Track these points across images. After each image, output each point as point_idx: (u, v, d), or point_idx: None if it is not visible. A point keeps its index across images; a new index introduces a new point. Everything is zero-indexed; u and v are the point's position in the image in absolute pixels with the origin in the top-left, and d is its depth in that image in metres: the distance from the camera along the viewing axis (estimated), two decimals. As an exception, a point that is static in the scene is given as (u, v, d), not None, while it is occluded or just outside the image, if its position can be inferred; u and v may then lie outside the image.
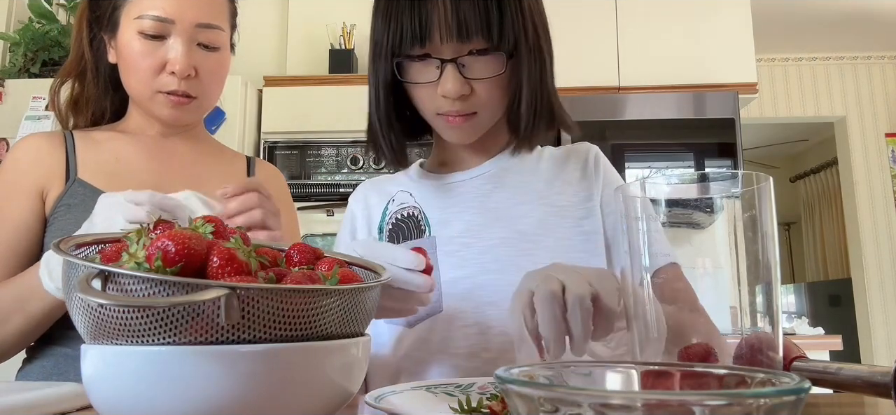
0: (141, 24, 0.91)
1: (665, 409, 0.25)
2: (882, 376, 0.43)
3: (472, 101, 0.76)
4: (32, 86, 2.27)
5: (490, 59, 0.74)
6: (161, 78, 0.92)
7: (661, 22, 2.77)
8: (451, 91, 0.73)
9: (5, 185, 0.92)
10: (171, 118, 0.96)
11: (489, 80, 0.75)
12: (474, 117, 0.78)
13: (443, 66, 0.73)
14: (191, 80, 0.94)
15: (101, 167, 0.95)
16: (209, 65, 0.95)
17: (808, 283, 5.64)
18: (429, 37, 0.72)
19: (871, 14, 3.73)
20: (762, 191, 0.43)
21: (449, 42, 0.72)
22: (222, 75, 1.00)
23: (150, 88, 0.93)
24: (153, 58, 0.91)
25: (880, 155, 4.21)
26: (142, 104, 0.97)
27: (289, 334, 0.42)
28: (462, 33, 0.71)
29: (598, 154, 0.89)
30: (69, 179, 0.93)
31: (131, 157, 0.97)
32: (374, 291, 0.49)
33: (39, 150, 0.94)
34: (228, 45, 1.02)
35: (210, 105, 1.02)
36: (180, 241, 0.41)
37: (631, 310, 0.47)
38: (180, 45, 0.91)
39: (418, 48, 0.73)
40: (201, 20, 0.93)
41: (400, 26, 0.73)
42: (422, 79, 0.76)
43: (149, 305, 0.39)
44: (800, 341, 2.32)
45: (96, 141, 0.98)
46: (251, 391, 0.40)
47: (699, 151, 2.59)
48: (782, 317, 0.44)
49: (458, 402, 0.48)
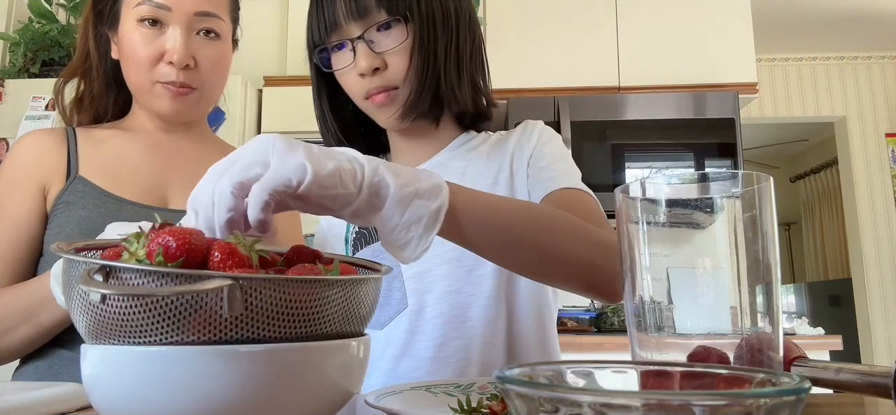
0: (139, 12, 0.90)
1: (665, 409, 0.25)
2: (882, 377, 0.43)
3: (387, 76, 0.80)
4: (32, 86, 2.27)
5: (394, 31, 0.79)
6: (159, 68, 0.91)
7: (661, 22, 2.77)
8: (364, 66, 0.79)
9: (7, 181, 0.92)
10: (170, 111, 0.94)
11: (398, 51, 0.79)
12: (396, 92, 0.81)
13: (354, 46, 0.79)
14: (190, 71, 0.92)
15: (102, 165, 0.94)
16: (208, 54, 0.94)
17: (808, 283, 5.64)
18: (336, 22, 0.78)
19: (871, 14, 3.73)
20: (762, 191, 0.43)
21: (352, 22, 0.78)
22: (223, 66, 0.98)
23: (149, 79, 0.92)
24: (152, 46, 0.90)
25: (880, 155, 4.21)
26: (142, 98, 0.96)
27: (292, 328, 0.42)
28: (359, 10, 0.77)
29: (537, 125, 0.89)
30: (70, 176, 0.92)
31: (133, 155, 0.96)
32: (375, 286, 0.49)
33: (41, 146, 0.94)
34: (230, 37, 1.00)
35: (212, 98, 1.00)
36: (181, 236, 0.41)
37: (629, 309, 0.47)
38: (178, 35, 0.90)
39: (330, 35, 0.79)
40: (200, 8, 0.92)
41: (313, 21, 0.81)
42: (342, 64, 0.81)
43: (152, 294, 0.39)
44: (800, 341, 2.32)
45: (98, 139, 0.97)
46: (251, 391, 0.40)
47: (699, 151, 2.59)
48: (782, 317, 0.44)
49: (457, 402, 0.48)
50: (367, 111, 0.85)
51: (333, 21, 0.78)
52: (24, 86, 2.28)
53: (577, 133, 2.60)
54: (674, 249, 0.45)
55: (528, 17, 2.79)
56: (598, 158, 2.60)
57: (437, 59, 0.81)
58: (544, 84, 2.73)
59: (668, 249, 0.45)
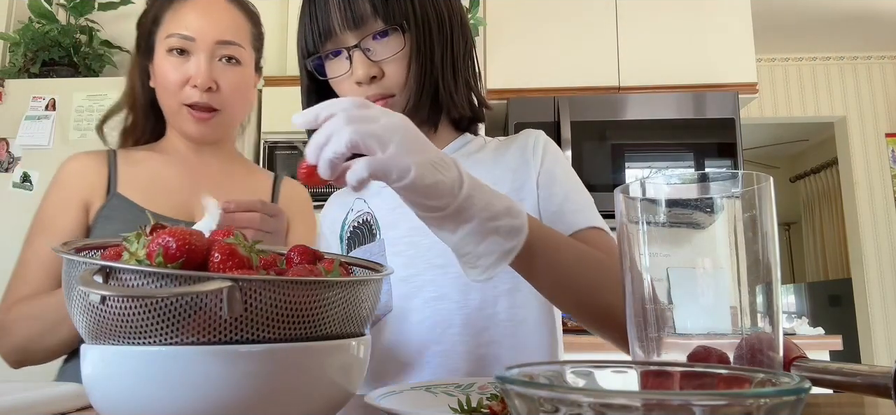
0: (169, 43, 1.02)
1: (665, 409, 0.25)
2: (882, 377, 0.43)
3: (384, 83, 0.80)
4: (32, 86, 2.27)
5: (390, 40, 0.79)
6: (185, 91, 1.02)
7: (661, 22, 2.77)
8: (361, 75, 0.78)
9: (56, 198, 1.04)
10: (196, 132, 1.05)
11: (395, 59, 0.79)
12: (392, 100, 0.81)
13: (350, 55, 0.78)
14: (212, 94, 1.03)
15: (138, 183, 1.05)
16: (230, 78, 1.05)
17: (808, 283, 5.64)
18: (330, 30, 0.78)
19: (871, 14, 3.73)
20: (762, 191, 0.43)
21: (347, 31, 0.77)
22: (243, 90, 1.09)
23: (177, 101, 1.03)
24: (179, 72, 1.02)
25: (880, 155, 4.21)
26: (172, 120, 1.08)
27: (291, 330, 0.42)
28: (355, 20, 0.77)
29: (540, 136, 0.90)
30: (110, 193, 1.04)
31: (166, 174, 1.07)
32: (375, 287, 0.49)
33: (85, 167, 1.06)
34: (252, 64, 1.11)
35: (234, 119, 1.11)
36: (181, 237, 0.41)
37: (629, 309, 0.47)
38: (202, 61, 1.02)
39: (324, 44, 0.79)
40: (221, 37, 1.03)
41: (306, 29, 0.80)
42: (337, 72, 0.81)
43: (151, 295, 0.39)
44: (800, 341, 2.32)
45: (136, 160, 1.09)
46: (251, 391, 0.40)
47: (699, 151, 2.59)
48: (782, 317, 0.44)
49: (457, 402, 0.48)
50: None
51: (328, 29, 0.78)
52: (24, 86, 2.28)
53: (577, 133, 2.60)
54: (674, 249, 0.45)
55: (528, 17, 2.79)
56: (598, 158, 2.60)
57: (435, 65, 0.81)
58: (544, 84, 2.73)
59: (668, 249, 0.45)
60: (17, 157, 2.17)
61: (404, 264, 0.83)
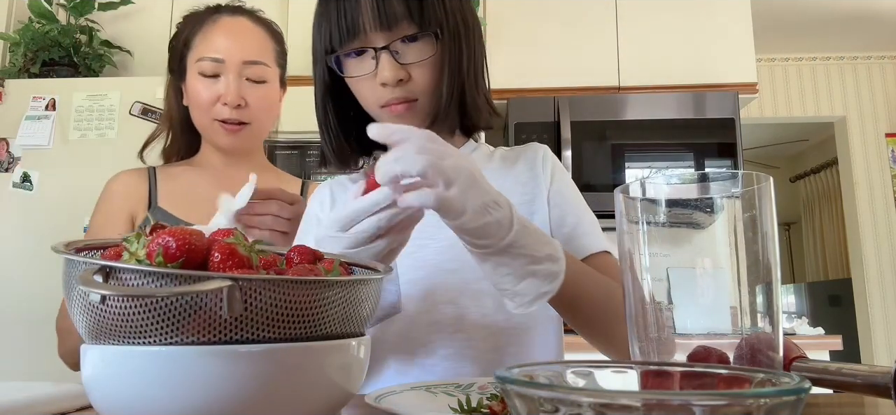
0: (201, 66, 1.13)
1: (665, 409, 0.25)
2: (882, 377, 0.43)
3: (410, 87, 0.79)
4: (32, 86, 2.27)
5: (420, 44, 0.78)
6: (216, 108, 1.13)
7: (661, 22, 2.77)
8: (389, 76, 0.77)
9: (104, 212, 1.16)
10: (228, 144, 1.16)
11: (423, 64, 0.78)
12: (415, 104, 0.80)
13: (377, 56, 0.77)
14: (242, 109, 1.13)
15: (176, 196, 1.16)
16: (257, 94, 1.15)
17: (808, 283, 5.64)
18: (357, 29, 0.76)
19: (871, 14, 3.73)
20: (762, 191, 0.43)
21: (377, 31, 0.76)
22: (270, 104, 1.19)
23: (209, 117, 1.13)
24: (210, 91, 1.12)
25: (880, 155, 4.21)
26: (205, 134, 1.18)
27: (291, 330, 0.42)
28: (388, 21, 0.75)
29: (547, 152, 0.92)
30: (151, 206, 1.14)
31: (201, 186, 1.17)
32: (375, 286, 0.49)
33: (129, 183, 1.18)
34: (276, 80, 1.20)
35: (263, 131, 1.22)
36: (181, 237, 0.41)
37: (630, 309, 0.47)
38: (231, 80, 1.12)
39: (349, 42, 0.77)
40: (247, 58, 1.13)
41: (330, 26, 0.78)
42: (360, 72, 0.79)
43: (151, 295, 0.39)
44: (800, 341, 2.32)
45: (173, 175, 1.20)
46: (251, 391, 0.40)
47: (699, 151, 2.59)
48: (782, 317, 0.44)
49: (457, 402, 0.48)
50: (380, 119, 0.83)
51: (355, 28, 0.76)
52: (24, 86, 2.27)
53: (577, 133, 2.60)
54: (674, 249, 0.45)
55: (528, 17, 2.79)
56: (598, 158, 2.60)
57: (462, 73, 0.80)
58: (544, 84, 2.73)
59: (668, 249, 0.45)
60: (17, 157, 2.17)
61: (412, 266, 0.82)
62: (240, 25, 1.16)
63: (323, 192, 0.95)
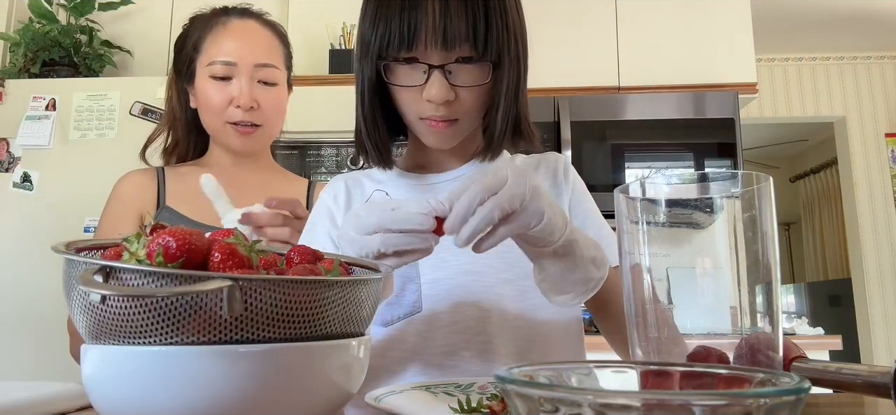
0: (212, 70, 1.13)
1: (665, 409, 0.25)
2: (882, 376, 0.43)
3: (455, 108, 0.77)
4: (32, 86, 2.27)
5: (475, 68, 0.76)
6: (229, 111, 1.13)
7: (661, 22, 2.77)
8: (437, 96, 0.75)
9: (115, 212, 1.16)
10: (240, 146, 1.16)
11: (473, 88, 0.77)
12: (456, 124, 0.79)
13: (430, 72, 0.74)
14: (254, 112, 1.14)
15: (185, 196, 1.16)
16: (269, 97, 1.16)
17: (808, 283, 5.64)
18: (416, 42, 0.73)
19: (871, 14, 3.73)
20: (762, 191, 0.43)
21: (435, 48, 0.73)
22: (280, 107, 1.20)
23: (221, 120, 1.14)
24: (222, 95, 1.13)
25: (880, 155, 4.21)
26: (216, 136, 1.19)
27: (291, 329, 0.42)
28: (449, 41, 0.72)
29: (567, 162, 0.93)
30: (160, 206, 1.15)
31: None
32: (375, 286, 0.49)
33: (138, 184, 1.18)
34: (285, 82, 1.21)
35: (272, 133, 1.22)
36: (181, 237, 0.41)
37: (630, 309, 0.47)
38: (243, 83, 1.12)
39: (405, 52, 0.74)
40: (258, 61, 1.14)
41: (388, 29, 0.74)
42: (408, 82, 0.76)
43: (151, 294, 0.39)
44: (800, 341, 2.32)
45: (182, 175, 1.20)
46: (251, 391, 0.40)
47: (699, 151, 2.59)
48: (782, 317, 0.44)
49: (458, 402, 0.48)
50: (416, 129, 0.82)
51: (412, 40, 0.73)
52: (24, 86, 2.28)
53: (577, 133, 2.60)
54: (674, 249, 0.45)
55: (528, 18, 2.78)
56: (598, 158, 2.60)
57: (519, 100, 0.79)
58: (544, 84, 2.73)
59: (668, 249, 0.45)
60: (17, 157, 2.17)
61: (434, 266, 0.81)
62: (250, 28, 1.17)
63: (337, 185, 0.93)
